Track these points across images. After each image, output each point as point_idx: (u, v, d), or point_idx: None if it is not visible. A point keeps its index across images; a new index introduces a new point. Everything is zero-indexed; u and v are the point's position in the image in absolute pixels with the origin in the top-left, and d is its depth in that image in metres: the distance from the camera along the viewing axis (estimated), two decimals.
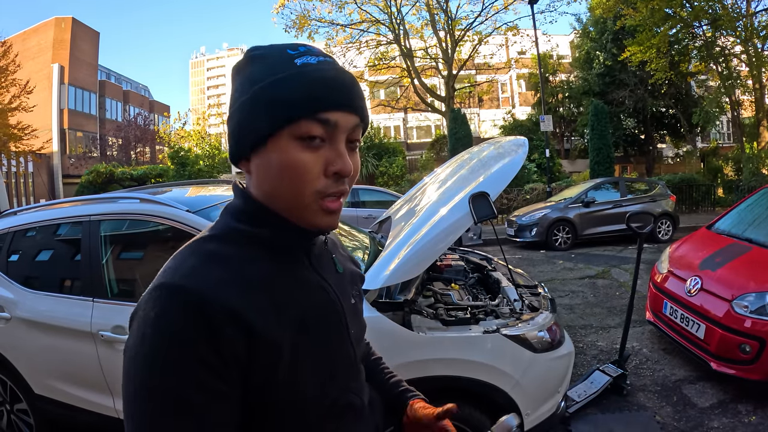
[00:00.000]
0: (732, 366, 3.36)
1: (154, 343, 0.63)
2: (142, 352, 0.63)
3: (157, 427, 0.61)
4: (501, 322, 2.49)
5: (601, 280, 7.22)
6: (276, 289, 0.74)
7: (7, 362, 2.85)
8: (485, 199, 2.44)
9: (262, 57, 0.74)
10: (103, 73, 37.87)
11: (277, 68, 0.72)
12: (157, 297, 0.66)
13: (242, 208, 0.78)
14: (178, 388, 0.61)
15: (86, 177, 21.35)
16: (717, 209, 15.95)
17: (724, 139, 30.37)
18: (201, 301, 0.64)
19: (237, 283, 0.69)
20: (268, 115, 0.70)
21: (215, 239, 0.76)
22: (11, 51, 21.77)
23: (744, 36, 16.26)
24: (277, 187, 0.73)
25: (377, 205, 10.80)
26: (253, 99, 0.72)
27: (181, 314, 0.64)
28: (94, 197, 3.22)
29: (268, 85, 0.71)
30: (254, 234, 0.76)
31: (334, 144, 0.73)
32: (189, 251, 0.74)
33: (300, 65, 0.71)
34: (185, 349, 0.62)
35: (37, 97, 23.72)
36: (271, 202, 0.75)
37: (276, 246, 0.77)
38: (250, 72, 0.74)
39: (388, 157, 22.54)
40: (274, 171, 0.72)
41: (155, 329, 0.63)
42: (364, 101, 0.77)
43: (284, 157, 0.71)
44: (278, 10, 19.95)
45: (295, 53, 0.73)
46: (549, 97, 25.48)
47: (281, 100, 0.70)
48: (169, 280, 0.68)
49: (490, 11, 19.86)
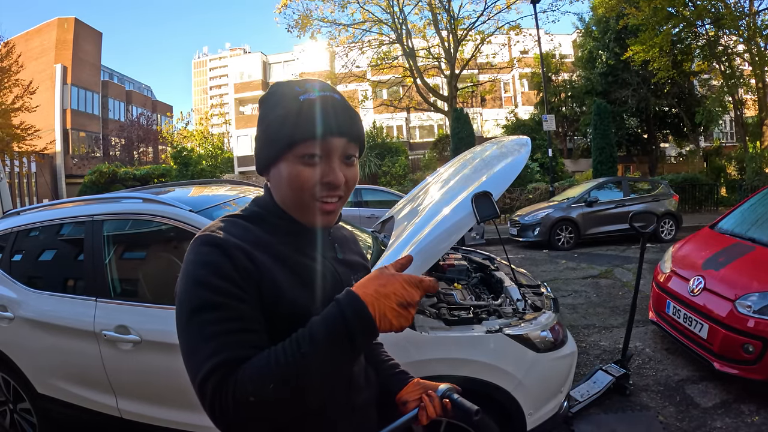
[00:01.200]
0: (735, 366, 3.35)
1: (193, 270, 0.86)
2: (185, 279, 0.87)
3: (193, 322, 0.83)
4: (504, 322, 2.48)
5: (604, 279, 7.21)
6: (282, 252, 0.95)
7: (10, 361, 2.86)
8: (488, 198, 2.44)
9: (276, 92, 0.98)
10: (105, 74, 37.96)
11: (285, 102, 0.94)
12: (193, 243, 0.90)
13: (264, 202, 1.01)
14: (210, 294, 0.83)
15: (89, 177, 21.40)
16: (720, 209, 15.93)
17: (727, 139, 30.27)
18: (223, 242, 0.88)
19: (249, 241, 0.92)
20: (275, 145, 0.94)
21: (240, 216, 1.00)
22: (14, 51, 21.81)
23: (747, 35, 16.24)
24: (286, 193, 0.96)
25: (380, 204, 10.80)
26: (266, 131, 0.96)
27: (209, 249, 0.87)
28: (97, 197, 3.22)
29: (275, 119, 0.94)
30: (270, 219, 0.99)
31: (329, 161, 0.94)
32: (220, 220, 0.98)
33: (302, 100, 0.93)
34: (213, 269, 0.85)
35: (40, 98, 23.77)
36: (282, 201, 0.98)
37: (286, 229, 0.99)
38: (267, 105, 0.98)
39: (390, 156, 22.57)
40: (283, 181, 0.95)
41: (193, 263, 0.87)
42: (355, 124, 0.97)
43: (290, 171, 0.93)
44: (281, 10, 19.96)
45: (300, 90, 0.95)
46: (552, 97, 25.44)
47: (285, 132, 0.92)
48: (201, 234, 0.91)
49: (492, 11, 19.83)
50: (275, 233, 0.98)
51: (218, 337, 0.81)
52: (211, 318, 0.82)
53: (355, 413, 1.04)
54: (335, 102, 0.95)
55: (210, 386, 0.77)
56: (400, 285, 0.84)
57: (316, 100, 0.93)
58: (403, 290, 0.83)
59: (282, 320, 0.89)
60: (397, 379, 1.17)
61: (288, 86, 0.97)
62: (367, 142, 24.29)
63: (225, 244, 0.88)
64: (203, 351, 0.80)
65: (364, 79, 23.12)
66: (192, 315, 0.83)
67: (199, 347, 0.81)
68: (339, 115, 0.94)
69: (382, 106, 24.82)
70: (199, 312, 0.83)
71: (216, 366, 0.78)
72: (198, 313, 0.83)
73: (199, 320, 0.82)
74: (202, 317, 0.82)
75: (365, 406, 1.09)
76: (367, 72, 23.66)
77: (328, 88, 0.97)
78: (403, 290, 0.83)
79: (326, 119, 0.92)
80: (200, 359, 0.80)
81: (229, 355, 0.79)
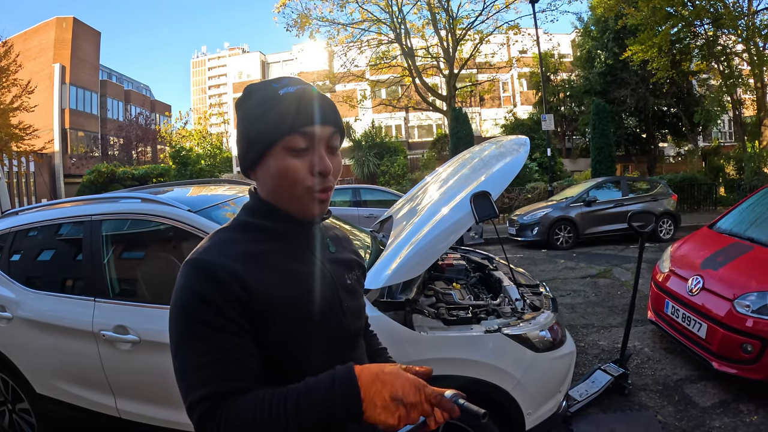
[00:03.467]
0: (734, 365, 3.35)
1: (180, 296, 0.88)
2: (174, 303, 0.89)
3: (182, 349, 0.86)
4: (502, 322, 2.48)
5: (603, 279, 7.22)
6: (271, 260, 0.95)
7: (9, 362, 2.85)
8: (487, 198, 2.44)
9: (256, 91, 0.97)
10: (104, 73, 37.90)
11: (266, 99, 0.94)
12: (183, 267, 0.91)
13: (253, 206, 1.01)
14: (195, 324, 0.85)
15: (87, 177, 21.38)
16: (719, 208, 15.94)
17: (725, 138, 30.31)
18: (211, 266, 0.88)
19: (238, 257, 0.92)
20: (260, 141, 0.93)
21: (229, 229, 1.00)
22: (12, 51, 21.74)
23: (746, 35, 16.26)
24: (277, 186, 0.95)
25: (378, 204, 10.80)
26: (248, 129, 0.96)
27: (195, 274, 0.88)
28: (95, 197, 3.22)
29: (257, 116, 0.94)
30: (260, 225, 0.99)
31: (316, 150, 0.94)
32: (210, 237, 0.98)
33: (282, 94, 0.93)
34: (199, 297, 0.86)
35: (39, 97, 23.73)
36: (274, 198, 0.98)
37: (276, 232, 0.99)
38: (246, 105, 0.97)
39: (389, 156, 22.58)
40: (274, 175, 0.94)
41: (181, 289, 0.88)
42: (337, 114, 0.98)
43: (279, 164, 0.93)
44: (279, 9, 19.96)
45: (278, 86, 0.95)
46: (550, 96, 25.46)
47: (269, 126, 0.92)
48: (191, 256, 0.92)
49: (491, 10, 19.85)
50: (266, 240, 0.98)
51: (202, 369, 0.84)
52: (195, 348, 0.85)
53: None
54: (314, 93, 0.96)
55: (195, 417, 0.83)
56: (403, 379, 0.81)
57: (295, 92, 0.94)
58: (403, 384, 0.80)
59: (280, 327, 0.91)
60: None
61: (263, 84, 0.98)
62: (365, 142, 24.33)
63: (212, 268, 0.88)
64: (188, 379, 0.85)
65: (362, 78, 23.10)
66: (180, 342, 0.87)
67: (185, 375, 0.86)
68: (321, 105, 0.95)
69: (380, 106, 24.78)
70: (185, 340, 0.86)
71: (198, 399, 0.83)
72: (184, 341, 0.86)
73: (185, 349, 0.86)
74: (187, 346, 0.86)
75: None
76: (365, 71, 23.65)
77: (303, 82, 0.98)
78: (403, 384, 0.80)
79: (310, 109, 0.93)
80: (185, 388, 0.85)
81: (211, 390, 0.83)
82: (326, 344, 0.98)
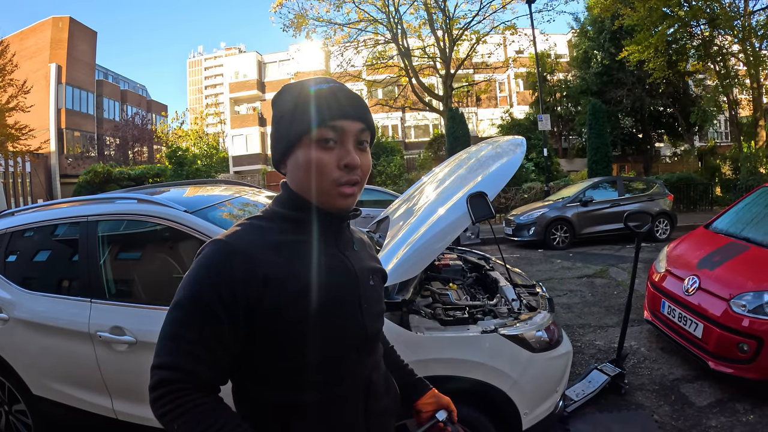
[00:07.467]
0: (730, 365, 3.36)
1: (196, 271, 0.92)
2: (188, 275, 0.93)
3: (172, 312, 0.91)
4: (499, 322, 2.49)
5: (599, 279, 7.23)
6: (295, 250, 0.98)
7: (5, 363, 2.84)
8: (483, 199, 2.44)
9: (287, 89, 1.01)
10: (100, 73, 37.77)
11: (299, 94, 0.98)
12: (208, 245, 0.95)
13: (283, 198, 1.03)
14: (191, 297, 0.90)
15: (84, 177, 21.35)
16: (715, 208, 16.00)
17: (721, 138, 30.43)
18: (232, 250, 0.92)
19: (263, 245, 0.95)
20: (291, 133, 0.96)
21: (259, 217, 1.03)
22: (8, 51, 21.69)
23: (742, 35, 16.32)
24: (305, 178, 0.97)
25: (375, 204, 10.76)
26: (280, 123, 0.99)
27: (216, 256, 0.91)
28: (91, 197, 3.20)
29: (288, 110, 0.98)
30: (288, 215, 1.01)
31: (344, 144, 0.96)
32: (241, 222, 1.01)
33: (314, 90, 0.97)
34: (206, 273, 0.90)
35: (35, 97, 23.64)
36: (302, 190, 0.99)
37: (304, 223, 1.01)
38: (280, 102, 1.01)
39: (386, 156, 22.53)
40: (302, 166, 0.96)
41: (198, 263, 0.92)
42: (367, 111, 1.01)
43: (307, 156, 0.95)
44: (276, 9, 19.94)
45: (312, 83, 0.99)
46: (547, 97, 25.48)
47: (300, 119, 0.95)
48: (219, 237, 0.96)
49: (488, 10, 19.90)
50: (293, 230, 1.00)
51: (177, 340, 0.89)
52: (183, 320, 0.90)
53: (372, 420, 1.04)
54: (346, 90, 1.00)
55: (154, 379, 0.88)
56: None
57: (327, 89, 0.97)
58: None
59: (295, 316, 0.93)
60: (415, 387, 1.26)
61: (298, 83, 1.01)
62: None
63: (229, 248, 0.92)
64: (164, 343, 0.90)
65: (359, 78, 23.12)
66: (175, 306, 0.91)
67: (162, 338, 0.91)
68: (351, 101, 0.98)
69: (377, 106, 24.78)
70: (179, 308, 0.91)
71: (161, 364, 0.89)
72: (179, 308, 0.91)
73: (173, 314, 0.91)
74: (178, 314, 0.90)
75: (383, 414, 1.09)
76: (362, 72, 23.64)
77: (335, 81, 1.02)
78: None
79: (340, 104, 0.96)
80: (158, 349, 0.90)
81: (175, 361, 0.88)
82: (340, 340, 0.99)
